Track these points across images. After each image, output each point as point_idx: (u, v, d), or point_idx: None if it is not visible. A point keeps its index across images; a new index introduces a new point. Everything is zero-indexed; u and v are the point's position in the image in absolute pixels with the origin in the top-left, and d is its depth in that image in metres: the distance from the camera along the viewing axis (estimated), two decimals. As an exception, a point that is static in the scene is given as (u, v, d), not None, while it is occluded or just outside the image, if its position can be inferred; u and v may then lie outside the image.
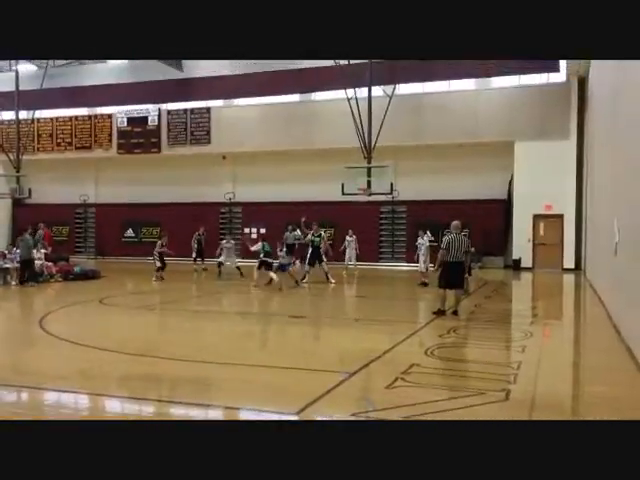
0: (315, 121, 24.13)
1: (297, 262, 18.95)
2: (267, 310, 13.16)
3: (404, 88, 22.83)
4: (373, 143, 20.63)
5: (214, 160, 26.28)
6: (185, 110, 26.25)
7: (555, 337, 9.73)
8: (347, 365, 6.85)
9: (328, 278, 16.46)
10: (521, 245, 22.49)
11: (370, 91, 20.69)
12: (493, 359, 7.41)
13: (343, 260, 20.32)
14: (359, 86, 20.68)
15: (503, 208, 23.23)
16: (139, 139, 26.71)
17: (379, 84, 21.05)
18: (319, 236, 16.74)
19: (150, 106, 26.57)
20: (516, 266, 22.36)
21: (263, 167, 25.64)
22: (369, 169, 20.39)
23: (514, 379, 6.25)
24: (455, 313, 10.42)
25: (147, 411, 5.50)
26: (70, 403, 5.78)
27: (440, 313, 10.35)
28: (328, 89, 23.21)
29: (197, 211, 25.82)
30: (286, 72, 23.20)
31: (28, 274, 15.93)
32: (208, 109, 25.96)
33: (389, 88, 21.03)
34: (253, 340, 9.44)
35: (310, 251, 16.70)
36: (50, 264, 17.57)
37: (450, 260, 10.28)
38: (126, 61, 26.11)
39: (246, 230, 25.27)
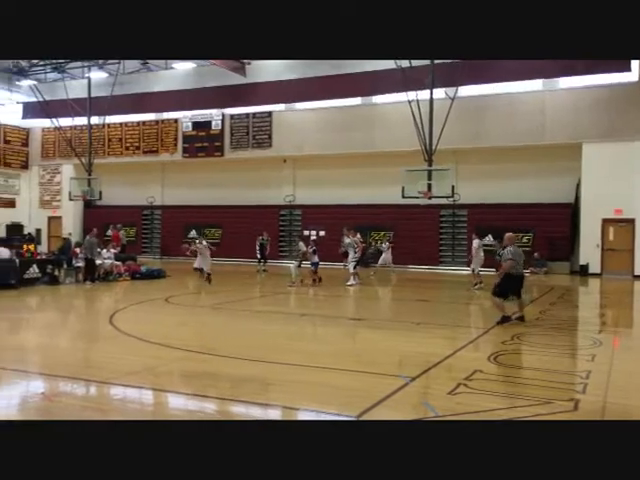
0: (375, 124, 24.08)
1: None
2: (327, 312, 13.22)
3: (466, 90, 22.43)
4: (434, 146, 20.38)
5: (275, 163, 26.64)
6: (247, 114, 26.74)
7: (627, 346, 9.31)
8: (408, 369, 6.79)
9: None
10: (589, 250, 21.65)
11: (432, 93, 20.45)
12: (560, 367, 7.17)
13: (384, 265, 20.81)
14: (420, 88, 20.46)
15: (569, 212, 22.45)
16: (203, 143, 27.41)
17: (441, 86, 20.77)
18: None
19: (214, 111, 27.19)
20: (583, 272, 21.55)
21: (323, 170, 25.80)
22: (430, 172, 20.16)
23: (583, 389, 6.03)
24: (521, 319, 10.15)
25: (209, 408, 5.63)
26: (137, 398, 5.99)
27: (505, 320, 10.03)
28: (389, 92, 23.07)
29: (257, 214, 26.27)
30: (347, 75, 23.23)
31: (88, 274, 16.66)
32: (269, 113, 26.34)
33: (451, 90, 20.72)
34: (313, 341, 9.51)
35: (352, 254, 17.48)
36: (119, 263, 18.28)
37: (515, 273, 10.03)
38: (191, 67, 26.84)
39: (305, 232, 25.47)
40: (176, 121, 28.19)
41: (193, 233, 28.14)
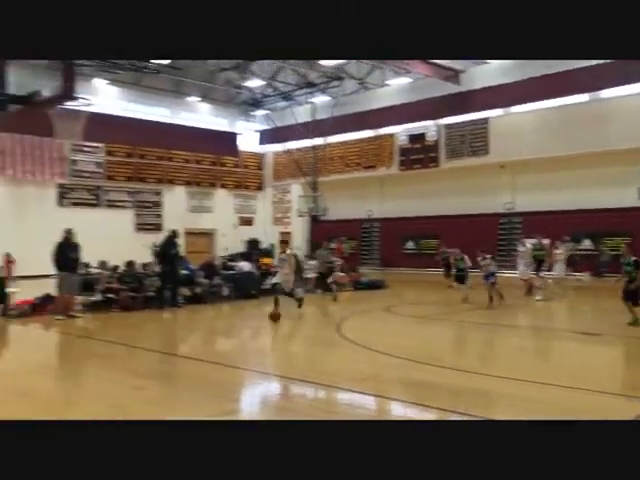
0: (603, 121, 22.00)
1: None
2: (548, 324, 12.49)
3: None
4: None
5: (492, 170, 25.86)
6: (462, 123, 26.44)
7: None
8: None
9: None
10: None
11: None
12: None
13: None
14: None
15: None
16: (418, 155, 27.77)
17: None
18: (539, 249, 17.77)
19: (428, 122, 27.42)
20: None
21: (544, 174, 24.31)
22: (674, 169, 17.85)
23: None
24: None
25: (428, 417, 5.76)
26: (361, 403, 6.36)
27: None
28: (617, 85, 20.96)
29: (474, 222, 25.72)
30: (565, 73, 21.66)
31: (322, 285, 17.93)
32: (486, 119, 25.71)
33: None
34: (538, 355, 9.10)
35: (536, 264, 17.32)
36: (342, 275, 19.45)
37: None
38: (406, 82, 27.46)
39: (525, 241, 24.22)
40: (392, 136, 29.00)
41: (410, 244, 28.63)
